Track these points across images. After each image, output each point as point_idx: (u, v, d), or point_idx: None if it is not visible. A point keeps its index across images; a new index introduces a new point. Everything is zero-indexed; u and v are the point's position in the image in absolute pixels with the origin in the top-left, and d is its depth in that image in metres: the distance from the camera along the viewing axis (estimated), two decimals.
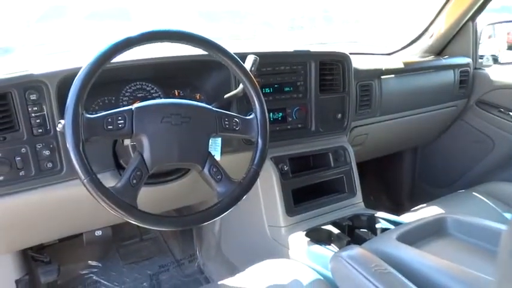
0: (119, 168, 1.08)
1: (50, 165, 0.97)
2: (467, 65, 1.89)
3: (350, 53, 1.44)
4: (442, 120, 1.98)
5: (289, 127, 1.33)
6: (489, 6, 1.81)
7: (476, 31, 1.90)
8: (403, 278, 0.81)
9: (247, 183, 0.93)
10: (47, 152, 0.96)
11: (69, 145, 0.77)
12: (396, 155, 2.21)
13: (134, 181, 0.82)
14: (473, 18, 1.85)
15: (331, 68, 1.39)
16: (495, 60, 1.99)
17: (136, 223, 0.82)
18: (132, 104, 0.87)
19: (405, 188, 2.28)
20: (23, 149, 0.94)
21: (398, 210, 1.58)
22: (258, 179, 0.96)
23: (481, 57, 1.97)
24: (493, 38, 2.10)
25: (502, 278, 0.35)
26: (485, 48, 1.99)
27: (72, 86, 0.79)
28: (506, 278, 0.34)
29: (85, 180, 0.77)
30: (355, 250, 0.92)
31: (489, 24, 1.99)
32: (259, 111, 0.96)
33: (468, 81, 1.91)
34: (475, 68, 1.93)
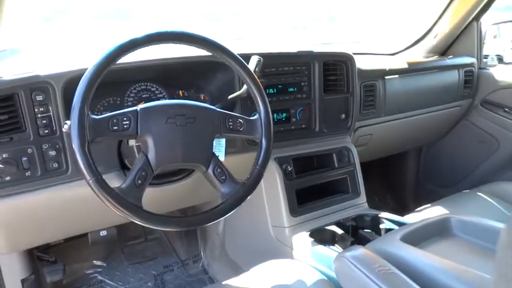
0: (124, 168, 1.08)
1: (55, 165, 0.98)
2: (471, 64, 1.89)
3: (354, 53, 1.44)
4: (446, 120, 1.98)
5: (293, 127, 1.33)
6: (493, 5, 1.80)
7: (480, 31, 1.89)
8: (407, 279, 0.81)
9: (251, 184, 0.94)
10: (53, 153, 0.97)
11: (75, 146, 0.77)
12: (400, 155, 2.21)
13: (139, 181, 0.83)
14: (477, 18, 1.85)
15: (334, 68, 1.39)
16: (500, 60, 1.99)
17: (141, 223, 0.82)
18: (137, 104, 0.88)
19: (410, 188, 2.28)
20: (30, 149, 0.95)
21: (402, 210, 1.58)
22: (262, 180, 0.96)
23: (486, 57, 1.96)
24: (498, 38, 2.09)
25: (498, 277, 0.35)
26: (490, 48, 1.98)
27: (78, 87, 0.80)
28: (502, 277, 0.34)
29: (90, 181, 0.78)
30: (359, 250, 0.93)
31: (494, 24, 1.98)
32: (263, 111, 0.96)
33: (473, 81, 1.90)
34: (480, 68, 1.93)
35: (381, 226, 1.24)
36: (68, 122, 0.80)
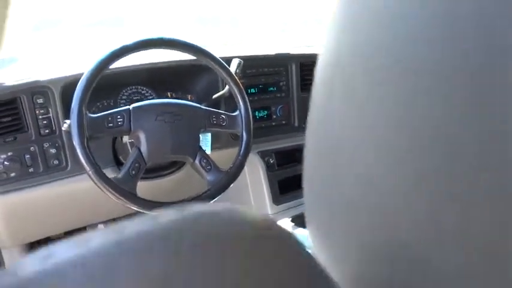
0: (119, 164, 1.18)
1: (56, 162, 1.08)
2: None
3: None
4: None
5: (273, 124, 1.43)
6: None
7: None
8: None
9: (234, 172, 1.05)
10: (53, 150, 1.07)
11: (75, 142, 0.88)
12: None
13: (133, 172, 0.94)
14: None
15: (310, 68, 1.49)
16: None
17: (135, 209, 0.93)
18: (129, 105, 0.98)
19: None
20: (32, 147, 1.05)
21: None
22: (247, 172, 1.08)
23: None
24: None
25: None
26: None
27: (76, 90, 0.90)
28: None
29: (90, 171, 0.88)
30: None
31: None
32: (243, 108, 1.07)
33: None
34: None
35: None
36: (68, 121, 0.90)
